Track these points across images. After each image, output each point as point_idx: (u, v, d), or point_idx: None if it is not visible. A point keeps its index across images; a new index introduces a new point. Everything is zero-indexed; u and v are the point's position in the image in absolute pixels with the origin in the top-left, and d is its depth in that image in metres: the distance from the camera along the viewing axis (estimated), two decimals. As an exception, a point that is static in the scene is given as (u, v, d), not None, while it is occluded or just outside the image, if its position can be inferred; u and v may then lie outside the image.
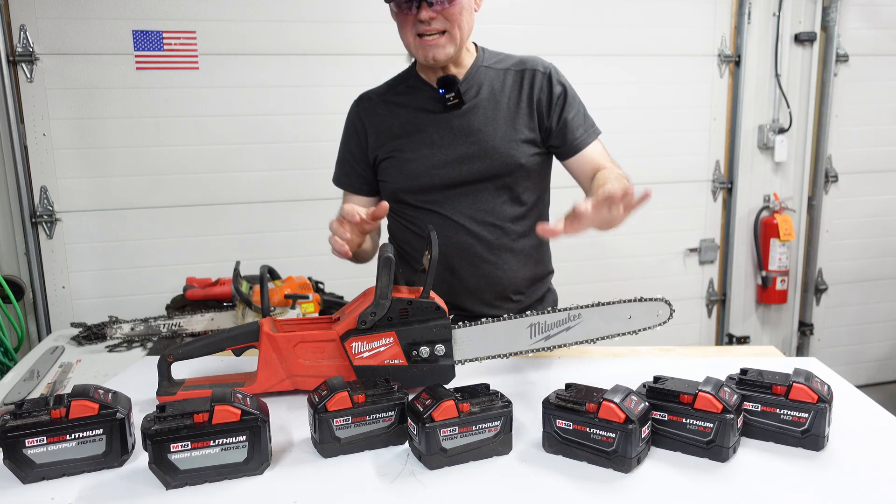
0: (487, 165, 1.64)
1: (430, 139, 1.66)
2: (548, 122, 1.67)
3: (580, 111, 1.70)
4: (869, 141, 3.81)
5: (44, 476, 1.07)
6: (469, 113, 1.65)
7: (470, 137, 1.64)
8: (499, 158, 1.64)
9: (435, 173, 1.65)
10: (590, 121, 1.72)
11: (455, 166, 1.65)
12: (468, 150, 1.64)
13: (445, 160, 1.65)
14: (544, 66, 1.69)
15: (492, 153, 1.64)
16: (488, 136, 1.64)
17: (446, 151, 1.65)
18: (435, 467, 1.09)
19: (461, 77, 1.65)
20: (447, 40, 1.56)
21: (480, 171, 1.65)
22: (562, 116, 1.67)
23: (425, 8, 1.51)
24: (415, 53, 1.61)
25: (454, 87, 1.62)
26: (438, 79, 1.64)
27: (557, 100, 1.66)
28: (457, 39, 1.58)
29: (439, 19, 1.53)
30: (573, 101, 1.69)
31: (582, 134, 1.68)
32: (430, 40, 1.55)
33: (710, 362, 1.53)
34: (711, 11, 3.46)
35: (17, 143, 2.76)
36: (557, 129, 1.67)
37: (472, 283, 1.69)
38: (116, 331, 1.81)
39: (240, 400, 1.08)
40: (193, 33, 2.90)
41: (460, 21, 1.56)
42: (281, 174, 3.07)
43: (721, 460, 1.09)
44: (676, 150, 3.56)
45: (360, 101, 1.76)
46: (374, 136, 1.70)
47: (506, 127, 1.65)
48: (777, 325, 3.92)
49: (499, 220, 1.68)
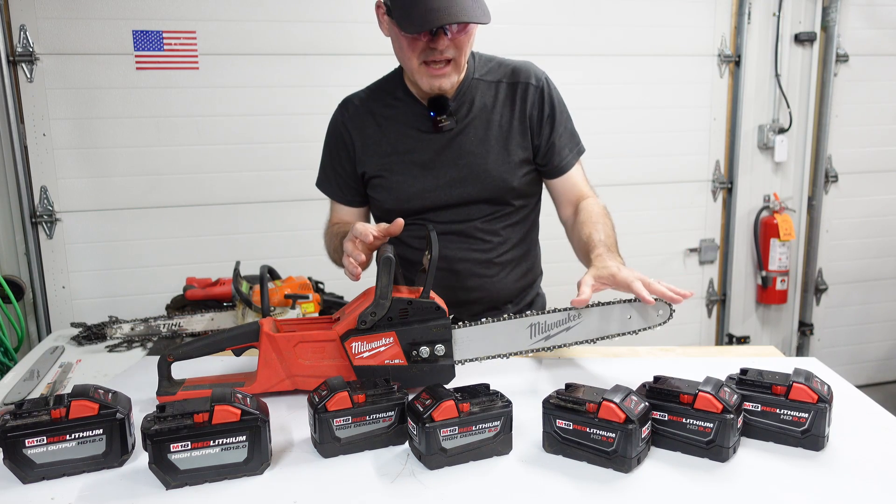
0: (480, 189, 1.63)
1: (420, 160, 1.63)
2: (538, 140, 1.66)
3: (567, 128, 1.68)
4: (869, 141, 3.81)
5: (44, 476, 1.07)
6: (460, 133, 1.62)
7: (461, 160, 1.61)
8: (491, 182, 1.62)
9: (426, 196, 1.63)
10: (576, 138, 1.71)
11: (446, 189, 1.63)
12: (460, 174, 1.62)
13: (437, 184, 1.63)
14: (537, 77, 1.65)
15: (484, 177, 1.62)
16: (480, 158, 1.61)
17: (437, 174, 1.62)
18: (435, 467, 1.09)
19: (452, 94, 1.60)
20: (453, 69, 1.52)
21: (472, 194, 1.63)
22: (550, 137, 1.65)
23: (441, 36, 1.45)
24: (418, 80, 1.54)
25: (445, 110, 1.58)
26: (429, 100, 1.59)
27: (548, 119, 1.65)
28: (461, 68, 1.55)
29: (450, 48, 1.49)
30: (562, 118, 1.67)
31: (567, 155, 1.68)
32: (437, 69, 1.50)
33: (710, 362, 1.53)
34: (711, 11, 3.46)
35: (17, 143, 2.76)
36: (545, 149, 1.66)
37: (462, 295, 1.68)
38: (116, 331, 1.81)
39: (240, 400, 1.08)
40: (193, 33, 2.90)
41: (467, 50, 1.53)
42: (281, 174, 3.07)
43: (721, 460, 1.09)
44: (676, 150, 3.56)
45: (345, 107, 1.70)
46: (362, 149, 1.67)
47: (498, 149, 1.62)
48: (777, 325, 3.92)
49: (489, 236, 1.67)
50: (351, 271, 1.38)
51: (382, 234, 1.38)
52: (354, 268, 1.37)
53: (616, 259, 1.44)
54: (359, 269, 1.37)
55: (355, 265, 1.37)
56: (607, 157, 3.41)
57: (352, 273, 1.38)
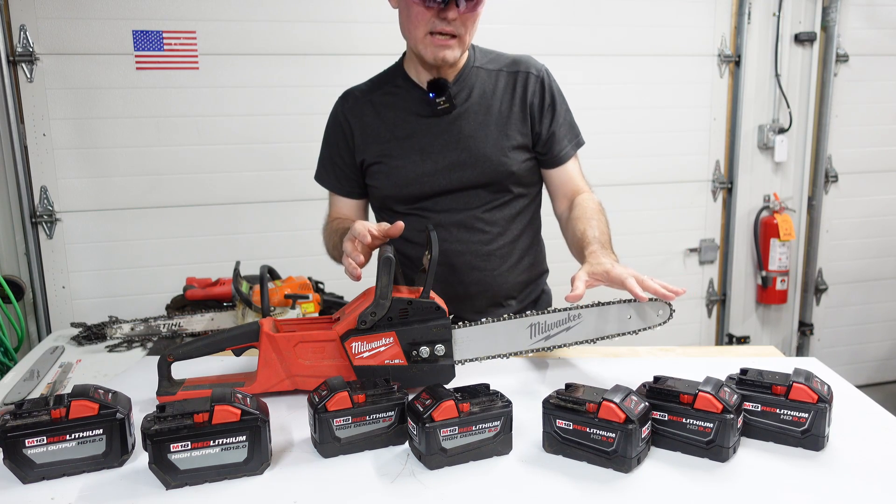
0: (478, 173, 1.62)
1: (419, 145, 1.63)
2: (538, 128, 1.66)
3: (566, 119, 1.69)
4: (869, 141, 3.81)
5: (44, 476, 1.07)
6: (460, 118, 1.62)
7: (460, 144, 1.62)
8: (490, 166, 1.62)
9: (425, 181, 1.63)
10: (575, 129, 1.72)
11: (445, 174, 1.63)
12: (459, 158, 1.62)
13: (436, 168, 1.62)
14: (537, 68, 1.67)
15: (483, 161, 1.62)
16: (479, 142, 1.61)
17: (436, 158, 1.62)
18: (435, 467, 1.09)
19: (452, 78, 1.62)
20: (457, 44, 1.54)
21: (471, 179, 1.63)
22: (551, 126, 1.66)
23: (453, 8, 1.47)
24: (422, 50, 1.55)
25: (445, 92, 1.59)
26: (429, 82, 1.61)
27: (549, 107, 1.66)
28: (466, 45, 1.56)
29: (458, 22, 1.50)
30: (561, 109, 1.68)
31: (566, 145, 1.68)
32: (441, 40, 1.52)
33: (710, 362, 1.53)
34: (711, 11, 3.46)
35: (17, 143, 2.76)
36: (545, 137, 1.66)
37: (463, 290, 1.67)
38: (116, 331, 1.81)
39: (240, 400, 1.08)
40: (193, 33, 2.90)
41: (473, 29, 1.55)
42: (281, 174, 3.07)
43: (721, 460, 1.09)
44: (676, 150, 3.56)
45: (346, 99, 1.71)
46: (361, 137, 1.67)
47: (497, 133, 1.62)
48: (777, 325, 3.92)
49: (489, 226, 1.67)
50: (351, 272, 1.38)
51: (382, 235, 1.38)
52: (354, 269, 1.37)
53: (610, 256, 1.44)
54: (358, 270, 1.37)
55: (355, 266, 1.36)
56: (607, 157, 3.41)
57: (352, 274, 1.38)
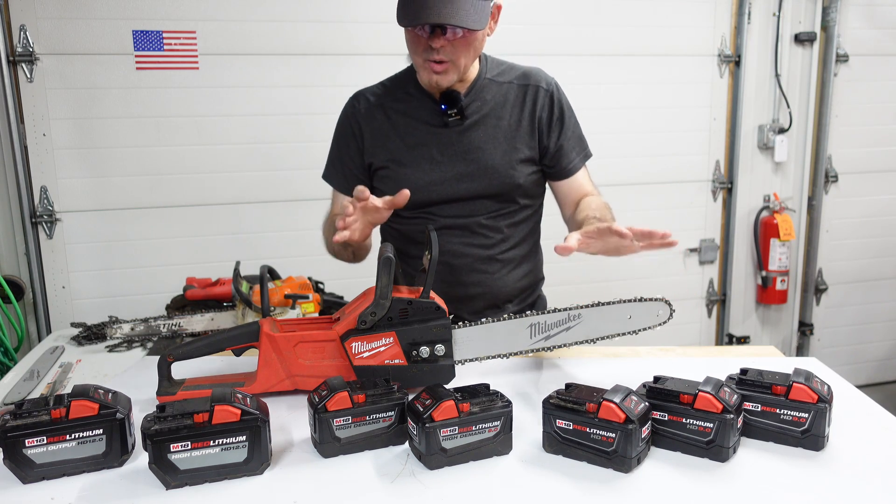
0: (486, 185, 1.64)
1: (429, 154, 1.64)
2: (546, 142, 1.68)
3: (575, 133, 1.71)
4: (869, 141, 3.81)
5: (44, 476, 1.07)
6: (470, 129, 1.64)
7: (469, 155, 1.64)
8: (497, 178, 1.64)
9: (432, 189, 1.64)
10: (583, 143, 1.73)
11: (453, 184, 1.64)
12: (467, 169, 1.64)
13: (444, 177, 1.64)
14: (547, 82, 1.69)
15: (490, 172, 1.64)
16: (488, 154, 1.63)
17: (445, 168, 1.64)
18: (435, 467, 1.09)
19: (464, 91, 1.64)
20: (452, 69, 1.55)
21: (478, 190, 1.65)
22: (559, 140, 1.67)
23: (438, 35, 1.48)
24: (420, 74, 1.61)
25: (457, 105, 1.61)
26: (442, 94, 1.62)
27: (557, 121, 1.67)
28: (461, 69, 1.57)
29: (448, 49, 1.51)
30: (570, 122, 1.70)
31: (574, 158, 1.70)
32: (434, 66, 1.54)
33: (710, 362, 1.53)
34: (711, 11, 3.46)
35: (17, 143, 2.75)
36: (553, 151, 1.68)
37: (463, 291, 1.69)
38: (116, 331, 1.81)
39: (240, 400, 1.08)
40: (193, 33, 2.90)
41: (467, 53, 1.54)
42: (281, 174, 3.07)
43: (721, 460, 1.09)
44: (676, 150, 3.56)
45: (357, 101, 1.72)
46: (371, 140, 1.68)
47: (506, 145, 1.64)
48: (777, 325, 3.92)
49: (491, 232, 1.68)
50: (338, 226, 1.34)
51: (387, 205, 1.38)
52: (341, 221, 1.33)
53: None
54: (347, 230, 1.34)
55: (342, 219, 1.33)
56: (607, 157, 3.40)
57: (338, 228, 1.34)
